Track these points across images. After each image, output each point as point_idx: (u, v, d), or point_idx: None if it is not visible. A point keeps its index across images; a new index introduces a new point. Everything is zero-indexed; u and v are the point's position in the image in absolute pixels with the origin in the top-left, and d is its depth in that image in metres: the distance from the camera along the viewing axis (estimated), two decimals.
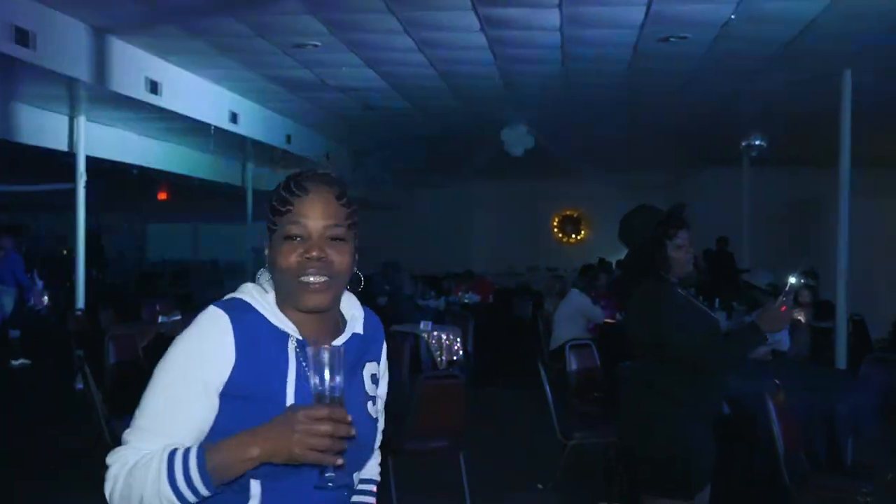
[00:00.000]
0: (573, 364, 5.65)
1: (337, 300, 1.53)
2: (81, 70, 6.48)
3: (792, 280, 2.73)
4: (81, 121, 8.22)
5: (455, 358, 7.18)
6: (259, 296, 1.51)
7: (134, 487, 1.32)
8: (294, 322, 1.47)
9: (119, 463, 1.36)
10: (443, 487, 4.95)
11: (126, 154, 9.66)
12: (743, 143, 7.78)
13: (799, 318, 7.24)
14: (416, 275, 11.14)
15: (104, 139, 9.10)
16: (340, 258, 1.48)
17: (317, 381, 1.31)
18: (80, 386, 5.98)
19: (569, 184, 15.75)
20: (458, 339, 7.30)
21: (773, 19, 6.09)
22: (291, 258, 1.46)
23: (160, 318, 7.53)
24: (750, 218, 10.95)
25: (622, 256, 3.29)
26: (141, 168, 10.17)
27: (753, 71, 7.51)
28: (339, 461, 1.32)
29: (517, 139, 10.12)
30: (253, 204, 12.91)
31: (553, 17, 6.12)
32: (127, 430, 1.41)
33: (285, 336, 1.46)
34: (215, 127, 8.80)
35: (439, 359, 7.05)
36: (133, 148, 9.75)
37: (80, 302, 8.34)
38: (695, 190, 15.09)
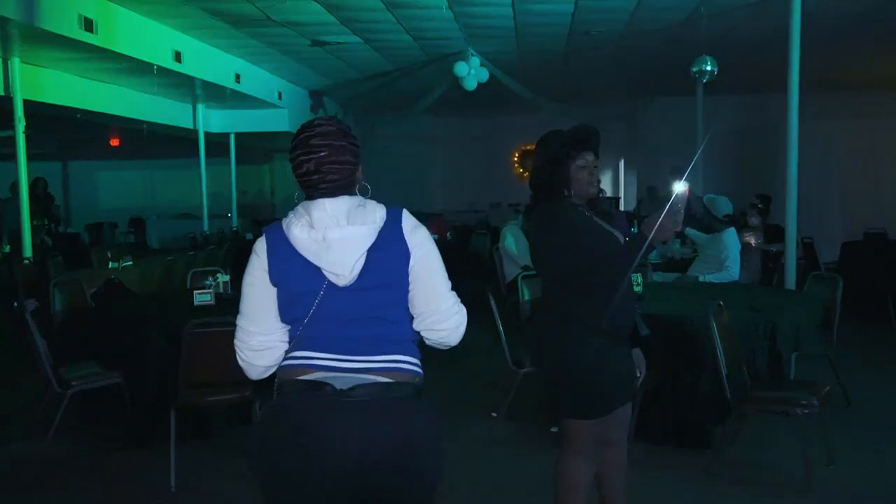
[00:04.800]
0: (525, 295, 5.68)
1: None
2: (9, 7, 6.20)
3: (678, 188, 2.66)
4: (15, 63, 7.90)
5: None
6: None
7: None
8: None
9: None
10: None
11: (66, 97, 9.33)
12: (693, 70, 7.73)
13: (749, 241, 7.36)
14: None
15: (42, 82, 8.78)
16: None
17: None
18: None
19: (527, 118, 15.59)
20: None
21: None
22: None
23: (110, 265, 7.40)
24: (704, 146, 10.99)
25: None
26: (84, 112, 9.84)
27: None
28: None
29: (471, 72, 9.97)
30: (206, 146, 12.64)
31: None
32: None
33: None
34: (158, 66, 8.53)
35: None
36: (73, 90, 9.42)
37: (28, 251, 8.17)
38: (652, 119, 15.15)
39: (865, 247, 9.52)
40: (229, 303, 5.06)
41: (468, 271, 9.40)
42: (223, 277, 5.49)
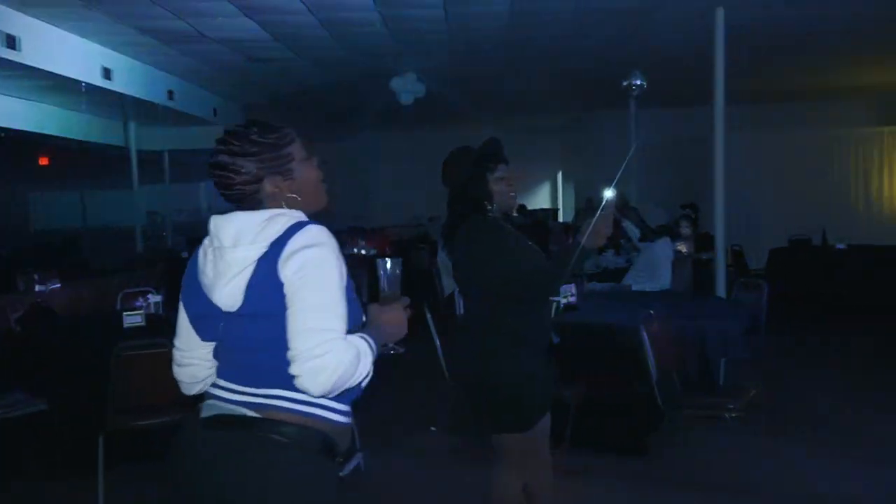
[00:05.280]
0: (460, 308, 5.70)
1: None
2: None
3: (608, 194, 2.72)
4: None
5: None
6: None
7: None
8: None
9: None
10: None
11: None
12: (623, 83, 7.92)
13: (681, 249, 7.54)
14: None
15: None
16: None
17: None
18: None
19: (466, 131, 15.70)
20: None
21: None
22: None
23: (37, 288, 7.17)
24: (638, 157, 11.23)
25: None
26: (8, 130, 9.56)
27: (631, 11, 7.63)
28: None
29: (407, 87, 10.01)
30: (139, 165, 12.40)
31: None
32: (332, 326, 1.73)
33: None
34: (87, 84, 8.35)
35: None
36: None
37: None
38: (589, 132, 15.43)
39: (791, 252, 9.87)
40: (162, 324, 4.97)
41: (409, 285, 9.40)
42: (155, 298, 5.37)
